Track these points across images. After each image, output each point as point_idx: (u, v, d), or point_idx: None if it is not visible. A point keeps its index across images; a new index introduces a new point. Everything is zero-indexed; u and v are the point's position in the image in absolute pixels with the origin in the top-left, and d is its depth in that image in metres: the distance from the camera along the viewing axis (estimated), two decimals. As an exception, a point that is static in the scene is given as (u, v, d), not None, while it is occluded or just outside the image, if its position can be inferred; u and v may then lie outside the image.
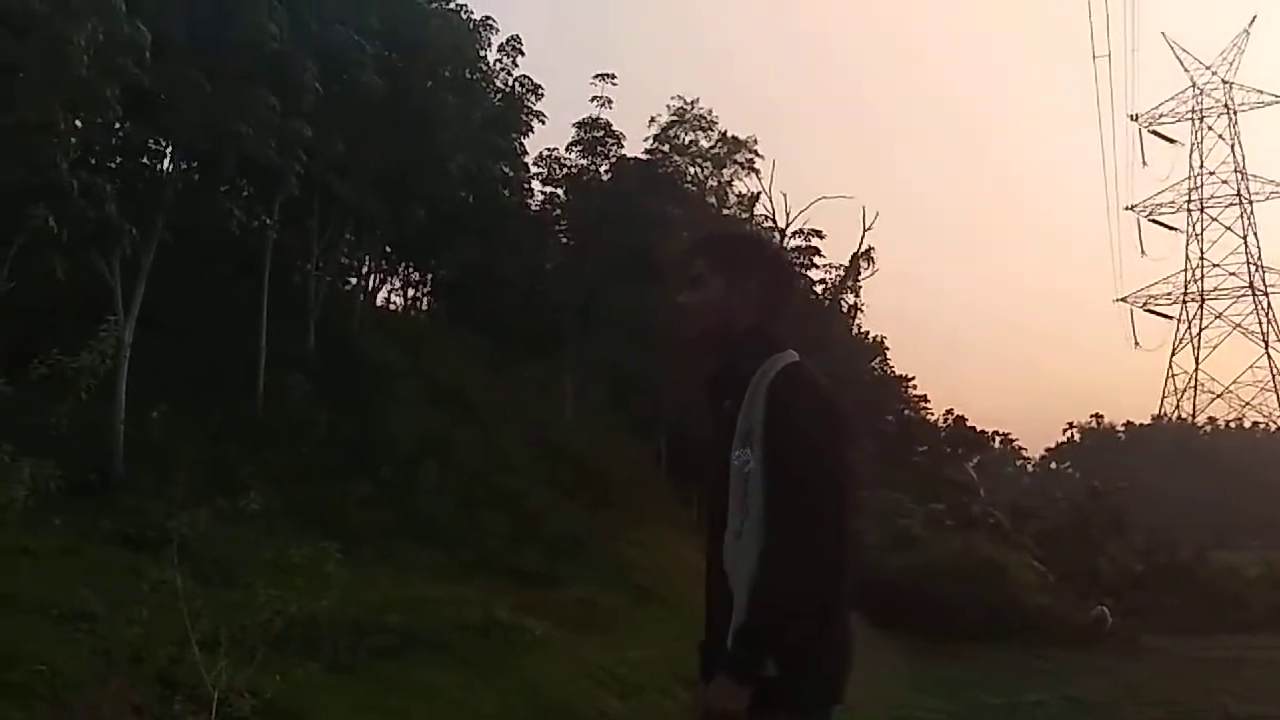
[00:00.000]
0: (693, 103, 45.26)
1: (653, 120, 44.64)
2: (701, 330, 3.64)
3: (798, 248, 43.81)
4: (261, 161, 20.76)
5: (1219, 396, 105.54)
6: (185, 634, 9.50)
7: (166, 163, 21.85)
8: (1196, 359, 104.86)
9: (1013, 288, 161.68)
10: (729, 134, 45.79)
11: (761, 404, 3.34)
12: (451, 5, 31.55)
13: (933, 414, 66.26)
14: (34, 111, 15.51)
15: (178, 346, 22.28)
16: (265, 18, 19.36)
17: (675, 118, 44.98)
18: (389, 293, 40.66)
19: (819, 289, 45.66)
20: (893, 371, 65.18)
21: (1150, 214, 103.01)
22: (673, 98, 45.49)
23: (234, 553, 16.54)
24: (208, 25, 19.55)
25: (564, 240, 38.17)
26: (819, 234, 44.24)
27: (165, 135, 20.59)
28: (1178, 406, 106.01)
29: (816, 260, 45.22)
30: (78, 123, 16.52)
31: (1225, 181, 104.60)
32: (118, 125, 19.33)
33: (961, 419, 65.84)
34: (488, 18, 33.46)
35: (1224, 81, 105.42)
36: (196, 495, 17.88)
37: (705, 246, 3.78)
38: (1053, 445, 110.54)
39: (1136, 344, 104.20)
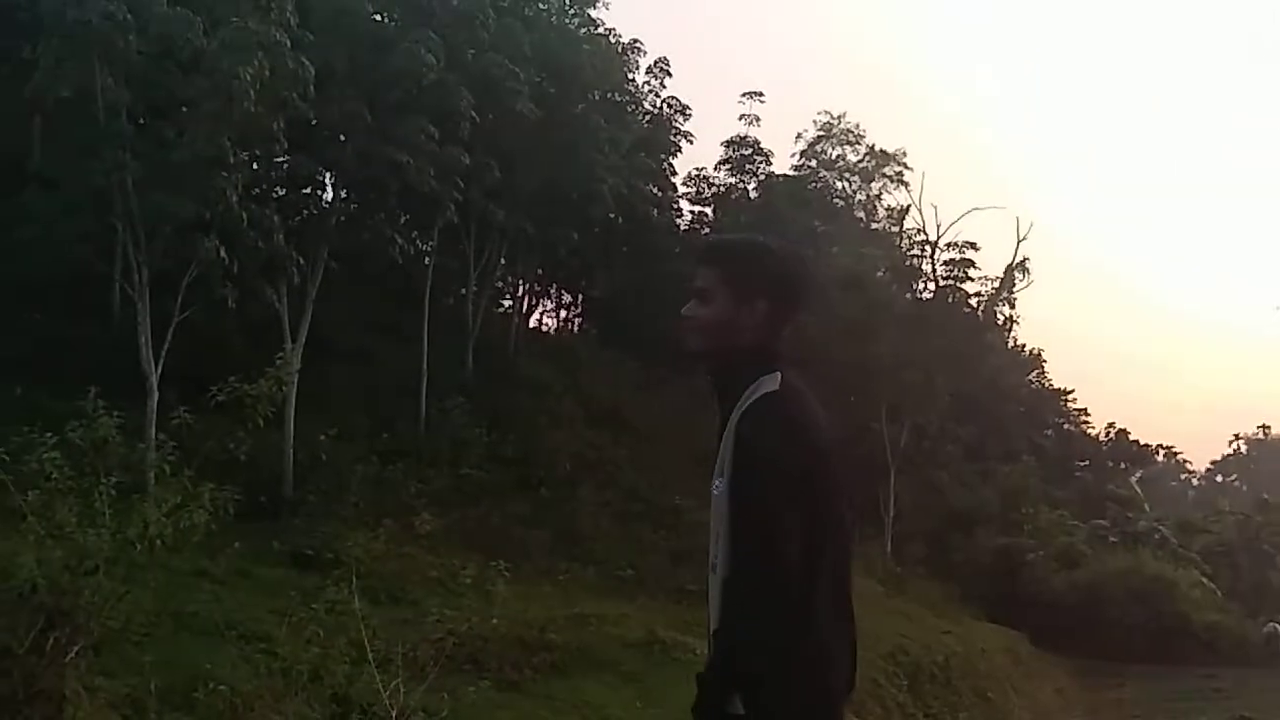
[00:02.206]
0: (840, 117, 44.98)
1: (799, 136, 44.49)
2: (703, 347, 3.45)
3: (950, 260, 43.07)
4: (421, 189, 21.16)
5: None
6: (359, 653, 9.71)
7: (328, 193, 22.40)
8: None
9: (1173, 297, 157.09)
10: (877, 147, 45.37)
11: (731, 433, 3.23)
12: (600, 30, 31.84)
13: (1093, 428, 64.41)
14: (205, 146, 16.03)
15: (342, 370, 22.82)
16: (422, 49, 19.75)
17: (822, 132, 44.73)
18: (541, 314, 41.13)
19: (973, 302, 44.71)
20: (1050, 384, 63.69)
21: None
22: (819, 112, 45.24)
23: (401, 571, 16.91)
24: (367, 57, 20.06)
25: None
26: (973, 246, 43.29)
27: (328, 166, 21.10)
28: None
29: (970, 273, 44.32)
30: (245, 156, 17.01)
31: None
32: (282, 158, 19.87)
33: (1124, 432, 63.83)
34: (635, 41, 33.74)
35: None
36: (364, 516, 18.45)
37: (713, 257, 3.51)
38: (1218, 458, 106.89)
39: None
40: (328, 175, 21.75)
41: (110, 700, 8.70)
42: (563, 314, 42.53)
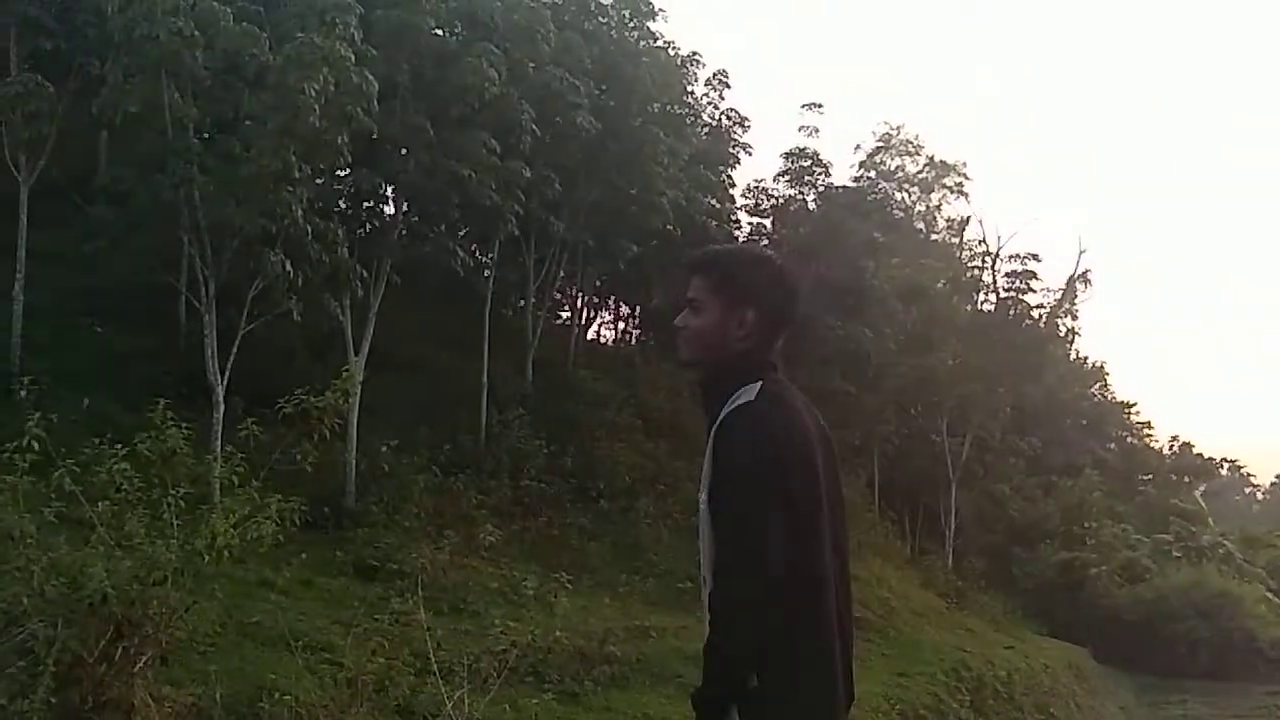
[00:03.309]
0: (899, 128, 44.86)
1: (858, 147, 44.37)
2: (694, 357, 3.51)
3: (1011, 272, 42.60)
4: (482, 202, 21.24)
5: None
6: (423, 664, 9.77)
7: (390, 206, 22.51)
8: None
9: (1233, 308, 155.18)
10: (937, 158, 45.16)
11: (709, 447, 3.27)
12: (659, 43, 31.82)
13: (1157, 441, 63.79)
14: (271, 161, 16.19)
15: (403, 382, 22.95)
16: (484, 63, 19.84)
17: (881, 143, 44.62)
18: (600, 326, 41.10)
19: (1035, 314, 44.27)
20: (1113, 397, 63.10)
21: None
22: (879, 123, 45.13)
23: (463, 582, 16.99)
24: (430, 72, 20.19)
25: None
26: (1035, 257, 42.74)
27: (390, 180, 21.22)
28: None
29: (1032, 284, 43.80)
30: (309, 170, 17.15)
31: None
32: (346, 171, 20.02)
33: (1188, 445, 63.25)
34: (694, 53, 33.70)
35: None
36: (426, 527, 18.54)
37: (703, 267, 3.50)
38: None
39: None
40: (390, 189, 21.88)
41: (176, 710, 8.79)
42: (621, 325, 42.51)
